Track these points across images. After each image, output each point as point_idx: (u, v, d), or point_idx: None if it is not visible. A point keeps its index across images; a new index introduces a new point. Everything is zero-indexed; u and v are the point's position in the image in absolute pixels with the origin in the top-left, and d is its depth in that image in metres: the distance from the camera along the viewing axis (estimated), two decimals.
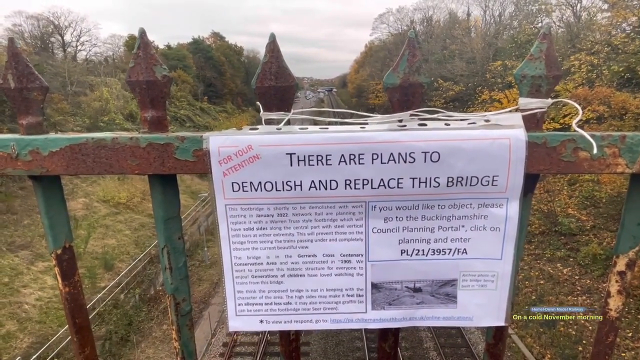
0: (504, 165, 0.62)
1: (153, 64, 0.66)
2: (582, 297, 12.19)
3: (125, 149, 0.65)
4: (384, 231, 0.68)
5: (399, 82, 0.66)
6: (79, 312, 0.80)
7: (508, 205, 0.65)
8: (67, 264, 0.76)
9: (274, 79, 0.66)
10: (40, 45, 33.74)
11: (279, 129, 0.66)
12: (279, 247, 0.70)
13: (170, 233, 0.73)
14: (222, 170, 0.64)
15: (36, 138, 0.65)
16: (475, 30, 36.30)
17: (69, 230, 0.75)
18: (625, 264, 0.75)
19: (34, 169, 0.66)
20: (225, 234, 0.69)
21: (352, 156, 0.63)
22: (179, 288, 0.77)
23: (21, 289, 12.65)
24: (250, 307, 0.74)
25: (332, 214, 0.68)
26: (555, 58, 0.64)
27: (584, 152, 0.63)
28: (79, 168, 0.65)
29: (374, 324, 0.73)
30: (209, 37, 55.68)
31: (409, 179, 0.64)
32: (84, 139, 0.65)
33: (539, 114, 0.66)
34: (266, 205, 0.67)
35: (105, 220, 17.98)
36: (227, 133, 0.64)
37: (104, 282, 14.24)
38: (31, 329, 11.40)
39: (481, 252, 0.69)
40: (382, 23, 49.09)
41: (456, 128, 0.63)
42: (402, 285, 0.72)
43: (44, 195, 0.70)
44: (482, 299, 0.71)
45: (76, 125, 22.52)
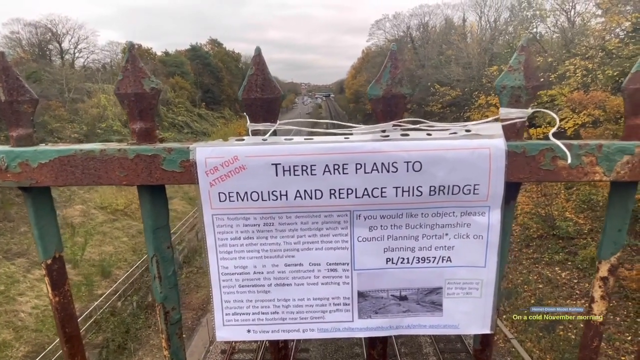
0: (485, 174, 0.64)
1: (141, 76, 0.67)
2: (580, 300, 12.19)
3: (114, 160, 0.66)
4: (369, 240, 0.70)
5: (381, 94, 0.67)
6: (69, 322, 0.80)
7: (490, 213, 0.67)
8: (57, 273, 0.77)
9: (260, 90, 0.67)
10: (38, 52, 33.80)
11: (264, 139, 0.67)
12: (266, 256, 0.71)
13: (159, 242, 0.74)
14: (208, 181, 0.65)
15: (25, 150, 0.66)
16: (471, 36, 36.60)
17: (59, 240, 0.76)
18: (608, 270, 0.76)
19: (23, 180, 0.67)
20: (212, 244, 0.70)
21: (336, 166, 0.64)
22: (168, 297, 0.78)
23: (17, 297, 12.56)
24: (237, 316, 0.75)
25: (317, 223, 0.69)
26: (534, 69, 0.66)
27: (563, 160, 0.65)
28: (67, 179, 0.66)
29: (360, 333, 0.74)
30: (206, 44, 55.91)
31: (392, 188, 0.65)
32: (72, 151, 0.66)
33: (519, 123, 0.67)
34: (252, 215, 0.68)
35: (102, 227, 17.91)
36: (214, 144, 0.66)
37: (101, 289, 14.14)
38: (27, 337, 11.30)
39: (465, 260, 0.70)
40: (378, 29, 49.50)
41: (437, 138, 0.65)
42: (388, 293, 0.73)
43: (34, 206, 0.71)
44: (468, 306, 0.72)
45: (74, 132, 22.50)
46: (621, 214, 0.72)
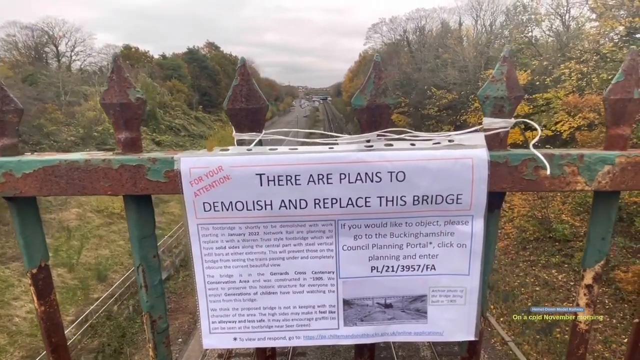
0: (467, 183, 0.64)
1: (127, 87, 0.67)
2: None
3: (98, 170, 0.66)
4: (354, 248, 0.70)
5: (366, 104, 0.68)
6: (55, 331, 0.80)
7: (473, 222, 0.67)
8: (43, 283, 0.77)
9: (245, 101, 0.67)
10: (35, 55, 33.70)
11: (249, 149, 0.67)
12: (251, 265, 0.71)
13: (146, 252, 0.74)
14: (193, 191, 0.65)
15: (9, 160, 0.66)
16: (467, 40, 36.80)
17: (44, 249, 0.76)
18: (592, 278, 0.77)
19: (7, 190, 0.67)
20: (198, 253, 0.70)
21: (321, 176, 0.64)
22: (155, 306, 0.78)
23: (12, 302, 12.46)
24: (224, 324, 0.75)
25: (302, 232, 0.69)
26: (516, 80, 0.67)
27: (545, 170, 0.65)
28: (52, 189, 0.66)
29: (346, 340, 0.74)
30: (204, 47, 55.97)
31: (376, 198, 0.65)
32: (57, 161, 0.66)
33: (502, 133, 0.68)
34: (237, 224, 0.68)
35: (98, 231, 17.82)
36: (198, 154, 0.66)
37: (97, 293, 14.05)
38: (22, 342, 11.20)
39: (449, 268, 0.70)
40: (375, 33, 49.67)
41: (421, 148, 0.65)
42: (374, 301, 0.73)
43: (19, 216, 0.71)
44: (452, 314, 0.72)
45: (70, 135, 22.42)
46: (604, 222, 0.73)
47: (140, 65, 38.83)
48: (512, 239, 16.72)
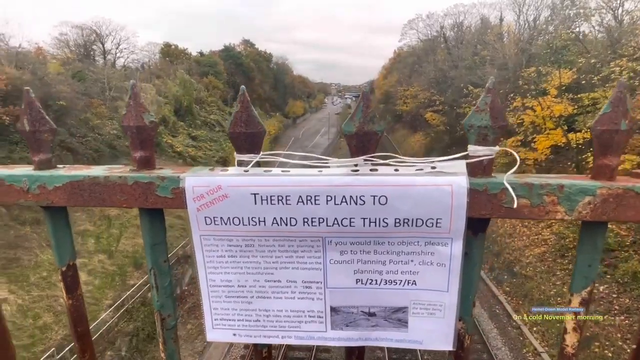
0: (447, 209, 0.68)
1: (142, 111, 0.76)
2: (620, 317, 11.52)
3: (115, 186, 0.75)
4: (340, 262, 0.75)
5: (354, 130, 0.73)
6: (81, 322, 0.91)
7: (452, 244, 0.71)
8: (71, 279, 0.88)
9: (244, 126, 0.74)
10: (83, 52, 35.78)
11: (246, 170, 0.74)
12: (248, 272, 0.78)
13: (157, 257, 0.83)
14: (196, 206, 0.73)
15: (43, 174, 0.77)
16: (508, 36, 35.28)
17: (72, 251, 0.86)
18: (579, 303, 0.78)
19: (41, 200, 0.78)
20: (201, 260, 0.78)
21: (309, 197, 0.70)
22: (165, 305, 0.87)
23: (58, 284, 13.38)
24: (225, 322, 0.83)
25: (293, 246, 0.75)
26: (500, 110, 0.69)
27: (524, 199, 0.68)
28: (77, 201, 0.77)
29: (333, 342, 0.80)
30: (239, 44, 57.14)
31: (360, 219, 0.70)
32: (81, 177, 0.76)
33: (486, 160, 0.71)
34: (235, 237, 0.75)
35: (136, 220, 18.67)
36: (201, 174, 0.73)
37: (134, 279, 14.84)
38: (65, 322, 12.03)
39: (429, 284, 0.74)
40: (411, 29, 48.68)
41: (403, 174, 0.69)
42: (358, 309, 0.78)
43: (52, 222, 0.82)
44: (431, 325, 0.77)
45: (112, 129, 23.66)
46: (591, 250, 0.74)
47: (179, 62, 40.28)
48: (550, 245, 15.99)
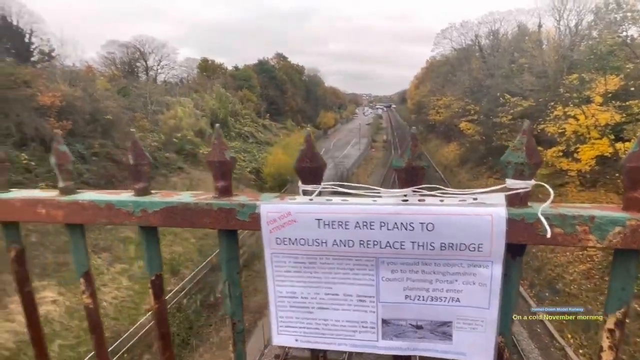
0: (487, 236, 0.78)
1: (224, 149, 0.91)
2: None
3: (203, 211, 0.91)
4: (391, 280, 0.86)
5: (404, 165, 0.84)
6: (163, 324, 1.07)
7: (493, 266, 0.80)
8: (158, 287, 1.04)
9: (309, 161, 0.88)
10: (128, 69, 38.11)
11: (311, 199, 0.87)
12: (310, 286, 0.91)
13: (231, 270, 0.98)
14: (269, 229, 0.87)
15: (144, 200, 0.94)
16: (548, 42, 34.11)
17: (160, 263, 1.03)
18: (614, 323, 0.84)
19: (142, 222, 0.94)
20: (271, 274, 0.92)
21: (365, 223, 0.82)
22: (236, 312, 1.01)
23: (101, 287, 14.17)
24: (288, 329, 0.96)
25: (350, 265, 0.87)
26: (535, 148, 0.79)
27: (558, 228, 0.76)
28: (171, 223, 0.93)
29: (383, 351, 0.91)
30: (272, 58, 58.75)
31: (409, 242, 0.81)
32: (175, 203, 0.92)
33: (522, 192, 0.80)
34: (300, 255, 0.89)
35: (174, 228, 19.52)
36: (273, 202, 0.88)
37: (170, 285, 15.42)
38: (107, 324, 12.69)
39: (472, 302, 0.84)
40: (444, 38, 48.17)
41: (448, 204, 0.80)
42: (407, 322, 0.89)
43: (146, 239, 0.99)
44: (473, 339, 0.85)
45: (154, 141, 24.90)
46: (623, 275, 0.80)
47: (215, 76, 41.94)
48: (596, 262, 15.11)
